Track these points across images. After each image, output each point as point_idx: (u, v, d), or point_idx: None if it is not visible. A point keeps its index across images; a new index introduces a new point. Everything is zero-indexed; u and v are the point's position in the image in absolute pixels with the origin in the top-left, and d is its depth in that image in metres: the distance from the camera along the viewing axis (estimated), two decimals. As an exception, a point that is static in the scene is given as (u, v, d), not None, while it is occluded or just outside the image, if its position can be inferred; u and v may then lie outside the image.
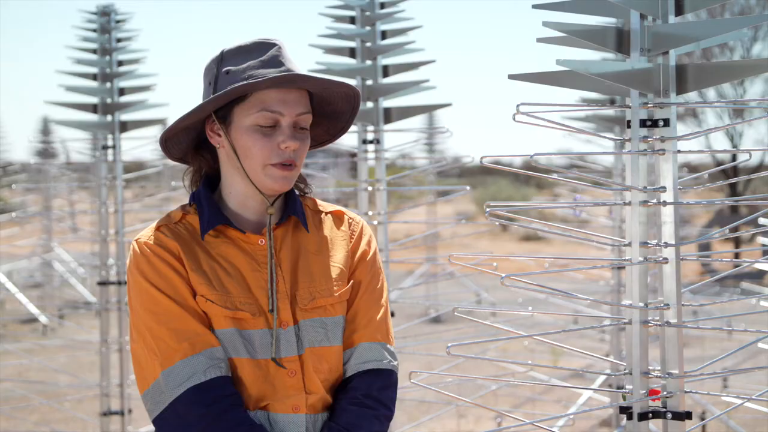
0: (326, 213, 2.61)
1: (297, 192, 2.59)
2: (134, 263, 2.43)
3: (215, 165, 2.54)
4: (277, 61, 2.42)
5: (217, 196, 2.52)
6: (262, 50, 2.44)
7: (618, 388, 6.86)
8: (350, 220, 2.62)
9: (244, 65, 2.42)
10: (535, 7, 2.98)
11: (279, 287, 2.43)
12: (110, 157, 6.43)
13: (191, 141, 2.53)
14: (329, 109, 2.56)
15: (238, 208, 2.49)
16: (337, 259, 2.53)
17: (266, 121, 2.40)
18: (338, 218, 2.61)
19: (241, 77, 2.40)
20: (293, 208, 2.51)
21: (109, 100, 6.39)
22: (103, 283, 6.58)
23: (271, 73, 2.40)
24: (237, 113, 2.42)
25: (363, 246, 2.58)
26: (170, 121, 2.50)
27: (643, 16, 2.92)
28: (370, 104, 5.23)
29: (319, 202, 2.64)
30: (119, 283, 6.53)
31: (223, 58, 2.46)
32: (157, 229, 2.46)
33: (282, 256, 2.47)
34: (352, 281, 2.53)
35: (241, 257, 2.44)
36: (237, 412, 2.33)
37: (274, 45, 2.45)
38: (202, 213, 2.46)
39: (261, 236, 2.46)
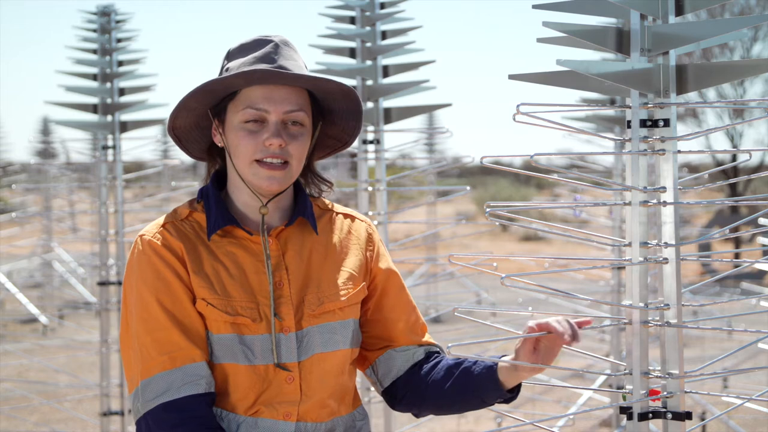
0: (337, 213, 2.56)
1: (316, 194, 2.55)
2: (136, 261, 2.37)
3: (224, 164, 2.50)
4: (269, 58, 2.37)
5: (224, 195, 2.46)
6: (259, 47, 2.40)
7: (618, 388, 6.87)
8: (362, 222, 2.58)
9: (239, 62, 2.39)
10: (535, 7, 2.97)
11: (283, 292, 2.37)
12: (110, 158, 6.42)
13: (206, 140, 2.50)
14: (334, 107, 2.49)
15: (243, 207, 2.43)
16: (349, 263, 2.49)
17: (252, 118, 2.35)
18: (350, 221, 2.56)
19: (232, 74, 2.35)
20: (302, 209, 2.46)
21: (109, 101, 6.38)
22: (103, 284, 6.57)
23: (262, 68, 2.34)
24: (229, 111, 2.39)
25: (383, 253, 2.58)
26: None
27: (643, 17, 2.91)
28: (370, 104, 5.23)
29: (327, 202, 2.58)
30: (119, 283, 6.52)
31: (228, 56, 2.44)
32: (163, 226, 2.39)
33: (288, 259, 2.41)
34: (381, 288, 2.54)
35: (247, 258, 2.38)
36: None
37: (270, 42, 2.40)
38: (210, 212, 2.41)
39: (267, 237, 2.40)
